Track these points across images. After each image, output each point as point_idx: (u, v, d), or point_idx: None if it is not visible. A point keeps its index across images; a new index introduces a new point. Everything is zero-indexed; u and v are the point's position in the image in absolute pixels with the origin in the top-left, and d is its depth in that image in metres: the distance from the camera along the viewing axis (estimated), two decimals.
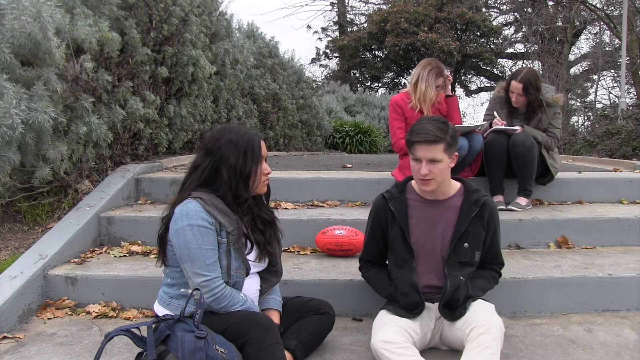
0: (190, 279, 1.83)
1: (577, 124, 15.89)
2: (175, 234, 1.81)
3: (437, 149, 1.97)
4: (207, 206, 1.82)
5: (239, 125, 1.97)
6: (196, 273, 1.79)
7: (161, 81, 4.13)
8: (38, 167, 3.02)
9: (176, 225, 1.81)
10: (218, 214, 1.83)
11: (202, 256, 1.79)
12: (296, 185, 3.53)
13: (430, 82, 3.24)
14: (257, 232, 1.99)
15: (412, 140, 2.01)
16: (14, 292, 2.33)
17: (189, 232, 1.79)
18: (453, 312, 2.01)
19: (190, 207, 1.81)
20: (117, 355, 2.05)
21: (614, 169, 4.47)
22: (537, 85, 3.31)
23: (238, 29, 7.18)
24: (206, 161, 1.88)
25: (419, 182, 2.05)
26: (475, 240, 2.07)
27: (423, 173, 1.98)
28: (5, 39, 2.80)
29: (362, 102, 14.48)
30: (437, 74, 3.26)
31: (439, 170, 1.99)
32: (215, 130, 1.95)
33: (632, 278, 2.52)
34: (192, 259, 1.79)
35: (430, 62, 3.30)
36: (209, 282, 1.79)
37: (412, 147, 2.01)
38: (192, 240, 1.78)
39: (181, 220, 1.80)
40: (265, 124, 7.22)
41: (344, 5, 26.02)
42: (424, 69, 3.27)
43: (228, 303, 1.83)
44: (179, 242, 1.80)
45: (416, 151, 2.00)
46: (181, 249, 1.80)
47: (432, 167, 1.98)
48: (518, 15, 21.23)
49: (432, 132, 1.97)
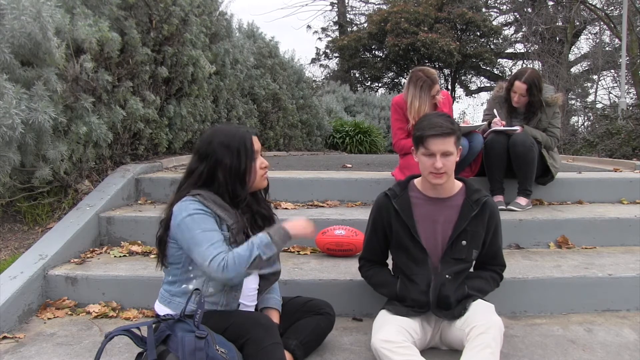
0: (201, 266, 1.78)
1: (577, 124, 15.89)
2: (178, 227, 1.82)
3: (450, 141, 1.99)
4: (205, 201, 1.83)
5: (229, 125, 1.99)
6: (204, 256, 1.75)
7: (161, 81, 4.13)
8: (38, 167, 3.02)
9: (176, 220, 1.82)
10: (217, 208, 1.84)
11: (207, 237, 1.78)
12: (296, 185, 3.53)
13: (424, 98, 3.22)
14: (257, 228, 1.99)
15: (425, 135, 2.00)
16: (14, 292, 2.33)
17: (189, 222, 1.79)
18: (448, 312, 2.01)
19: (188, 202, 1.83)
20: (117, 355, 2.05)
21: (614, 169, 4.47)
22: (540, 87, 3.31)
23: (238, 29, 7.18)
24: (201, 166, 1.89)
25: (430, 176, 2.04)
26: (473, 239, 2.07)
27: (438, 167, 1.98)
28: (5, 39, 2.80)
29: (362, 102, 14.48)
30: (429, 86, 3.22)
31: (451, 164, 2.02)
32: (206, 134, 1.96)
33: (632, 278, 2.52)
34: (197, 244, 1.77)
35: (419, 76, 3.24)
36: (214, 259, 1.73)
37: (424, 142, 2.00)
38: (194, 227, 1.79)
39: (180, 214, 1.82)
40: (265, 124, 7.23)
41: (344, 5, 26.03)
42: (416, 86, 3.23)
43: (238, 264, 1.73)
44: (182, 234, 1.81)
45: (430, 145, 1.99)
46: (186, 240, 1.80)
47: (445, 160, 1.99)
48: (518, 15, 21.23)
49: (445, 124, 1.99)
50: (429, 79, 3.22)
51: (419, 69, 3.31)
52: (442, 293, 2.01)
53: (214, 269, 1.74)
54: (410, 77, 3.30)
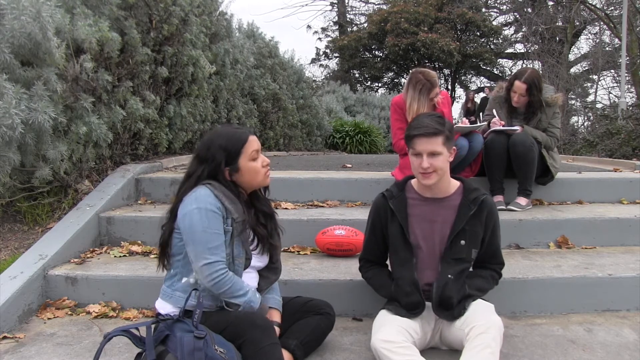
0: (193, 263, 1.84)
1: (577, 124, 15.88)
2: (183, 217, 1.84)
3: (436, 141, 2.00)
4: (215, 191, 1.85)
5: (227, 127, 2.01)
6: (199, 256, 1.81)
7: (161, 81, 4.13)
8: (38, 167, 3.02)
9: (184, 209, 1.84)
10: (226, 199, 1.86)
11: (206, 239, 1.80)
12: (296, 185, 3.53)
13: (423, 101, 3.21)
14: (260, 225, 2.01)
15: (411, 135, 2.03)
16: (14, 292, 2.33)
17: (196, 215, 1.81)
18: (449, 312, 2.01)
19: (200, 191, 1.85)
20: (117, 355, 2.05)
21: (614, 169, 4.47)
22: (540, 86, 3.31)
23: (238, 29, 7.18)
24: (199, 169, 1.91)
25: (419, 176, 2.06)
26: (472, 238, 2.07)
27: (425, 166, 2.00)
28: (5, 39, 2.80)
29: (362, 102, 14.48)
30: (429, 89, 3.21)
31: (440, 163, 2.02)
32: (205, 138, 2.00)
33: (632, 278, 2.52)
34: (195, 242, 1.81)
35: (419, 78, 3.21)
36: (209, 266, 1.80)
37: (411, 142, 2.04)
38: (198, 223, 1.80)
39: (190, 204, 1.83)
40: (265, 124, 7.23)
41: (344, 5, 26.05)
42: (415, 88, 3.22)
43: (229, 289, 1.82)
44: (184, 224, 1.83)
45: (416, 145, 2.02)
46: (186, 232, 1.82)
47: (432, 160, 2.00)
48: (518, 15, 21.24)
49: (431, 125, 2.01)
50: (428, 82, 3.20)
51: (419, 71, 3.29)
52: (445, 294, 2.01)
53: (205, 274, 1.79)
54: (409, 79, 3.29)
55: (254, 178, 1.95)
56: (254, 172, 1.94)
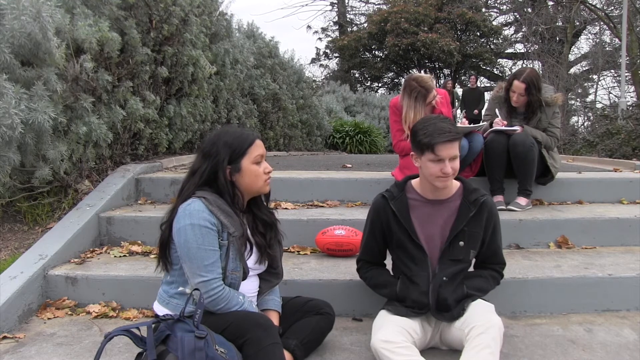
0: (189, 279, 1.84)
1: (577, 124, 15.89)
2: (177, 232, 1.82)
3: (457, 145, 2.02)
4: (210, 206, 1.82)
5: (236, 127, 1.99)
6: (194, 273, 1.80)
7: (161, 81, 4.13)
8: (38, 167, 3.02)
9: (178, 224, 1.82)
10: (221, 214, 1.83)
11: (200, 256, 1.79)
12: (296, 185, 3.53)
13: (419, 108, 3.16)
14: (258, 234, 1.99)
15: (433, 142, 1.98)
16: (14, 292, 2.33)
17: (190, 232, 1.79)
18: (447, 313, 2.01)
19: (194, 206, 1.82)
20: (117, 355, 2.05)
21: (614, 169, 4.47)
22: (539, 86, 3.31)
23: (238, 29, 7.18)
24: (204, 165, 1.89)
25: (437, 180, 2.03)
26: (471, 239, 2.07)
27: (448, 172, 1.99)
28: (5, 39, 2.80)
29: (362, 102, 14.49)
30: (424, 96, 3.16)
31: (457, 166, 2.03)
32: (212, 134, 1.97)
33: (632, 278, 2.52)
34: (191, 259, 1.80)
35: (413, 86, 3.15)
36: (206, 283, 1.80)
37: (434, 148, 1.98)
38: (192, 240, 1.79)
39: (184, 219, 1.81)
40: (265, 124, 7.22)
41: (344, 5, 26.06)
42: (410, 96, 3.17)
43: (225, 305, 1.83)
44: (179, 240, 1.81)
45: (439, 151, 1.98)
46: (181, 248, 1.81)
47: (453, 164, 2.01)
48: (518, 15, 21.24)
49: (453, 130, 2.01)
50: (423, 89, 3.15)
51: (413, 78, 3.21)
52: (440, 295, 2.01)
53: (201, 292, 1.78)
54: (404, 87, 3.23)
55: (254, 182, 1.92)
56: (254, 176, 1.91)
